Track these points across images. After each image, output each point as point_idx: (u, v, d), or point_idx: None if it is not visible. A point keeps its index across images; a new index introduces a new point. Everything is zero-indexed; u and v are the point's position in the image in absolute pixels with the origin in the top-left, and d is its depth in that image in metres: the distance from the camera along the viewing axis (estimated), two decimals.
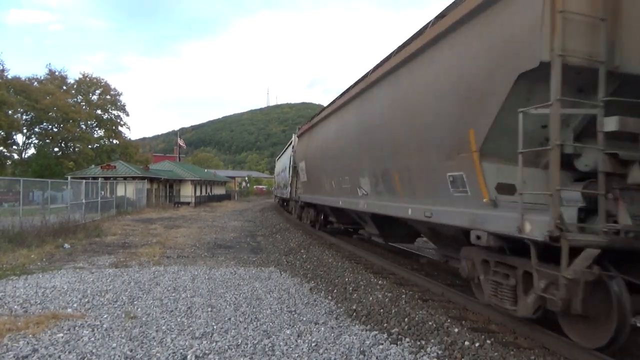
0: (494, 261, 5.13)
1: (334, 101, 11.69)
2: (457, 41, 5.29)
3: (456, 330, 5.15)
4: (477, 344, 4.70)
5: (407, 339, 5.10)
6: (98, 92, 61.05)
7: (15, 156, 51.48)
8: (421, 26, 6.59)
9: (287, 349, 4.86)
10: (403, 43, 7.08)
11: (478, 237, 4.91)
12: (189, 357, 4.58)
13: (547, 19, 3.86)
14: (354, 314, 6.28)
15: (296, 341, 5.11)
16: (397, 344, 4.97)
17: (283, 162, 26.96)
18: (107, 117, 60.85)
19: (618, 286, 3.94)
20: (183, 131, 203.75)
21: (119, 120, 61.87)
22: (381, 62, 8.02)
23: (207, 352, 4.72)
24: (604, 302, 4.00)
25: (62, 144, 55.38)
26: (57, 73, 57.22)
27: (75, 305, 6.59)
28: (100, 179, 26.93)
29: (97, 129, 60.70)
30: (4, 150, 49.16)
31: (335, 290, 7.67)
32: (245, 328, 5.61)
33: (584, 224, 3.97)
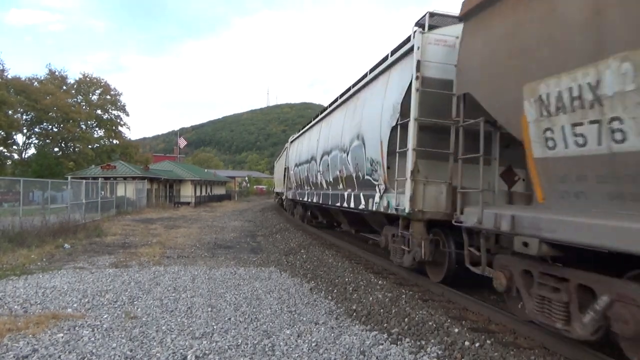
0: None
1: None
2: None
3: (456, 330, 5.15)
4: (477, 344, 4.70)
5: (407, 339, 5.10)
6: (98, 92, 61.09)
7: (15, 156, 51.53)
8: None
9: (287, 349, 4.86)
10: None
11: None
12: (189, 357, 4.58)
13: None
14: (354, 314, 6.28)
15: (296, 341, 5.11)
16: (397, 344, 4.97)
17: (336, 124, 11.87)
18: (107, 117, 60.84)
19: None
20: (183, 131, 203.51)
21: (119, 120, 61.93)
22: None
23: (207, 352, 4.72)
24: None
25: (62, 144, 55.38)
26: (57, 73, 57.26)
27: (75, 305, 6.58)
28: (100, 179, 26.92)
29: (97, 129, 60.70)
30: (4, 150, 49.21)
31: (335, 290, 7.67)
32: (245, 328, 5.61)
33: None
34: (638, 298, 3.47)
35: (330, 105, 13.67)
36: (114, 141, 61.04)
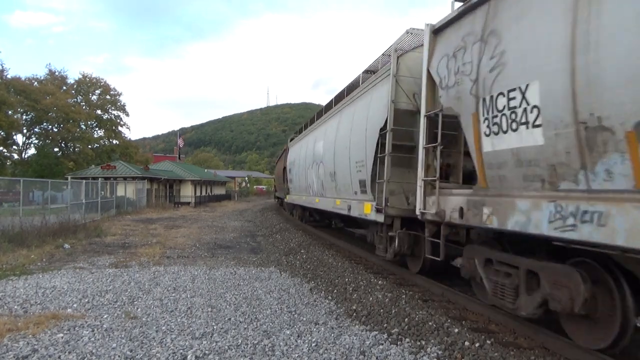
0: None
1: None
2: None
3: (456, 330, 5.15)
4: (477, 344, 4.70)
5: (407, 339, 5.10)
6: (98, 92, 61.08)
7: (15, 156, 51.52)
8: None
9: (287, 349, 4.86)
10: None
11: None
12: (189, 357, 4.58)
13: None
14: (354, 314, 6.28)
15: (296, 341, 5.11)
16: (397, 344, 4.97)
17: None
18: (107, 117, 60.84)
19: None
20: (183, 131, 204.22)
21: (119, 121, 61.93)
22: None
23: (207, 352, 4.72)
24: None
25: (62, 144, 55.39)
26: (56, 73, 57.28)
27: (75, 305, 6.58)
28: (100, 179, 26.91)
29: (97, 129, 60.71)
30: (4, 150, 49.18)
31: (335, 291, 7.67)
32: (245, 328, 5.61)
33: None
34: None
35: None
36: (114, 141, 61.03)
